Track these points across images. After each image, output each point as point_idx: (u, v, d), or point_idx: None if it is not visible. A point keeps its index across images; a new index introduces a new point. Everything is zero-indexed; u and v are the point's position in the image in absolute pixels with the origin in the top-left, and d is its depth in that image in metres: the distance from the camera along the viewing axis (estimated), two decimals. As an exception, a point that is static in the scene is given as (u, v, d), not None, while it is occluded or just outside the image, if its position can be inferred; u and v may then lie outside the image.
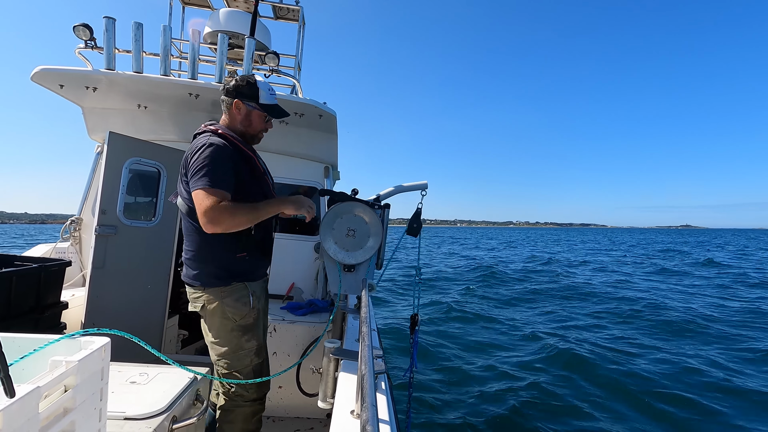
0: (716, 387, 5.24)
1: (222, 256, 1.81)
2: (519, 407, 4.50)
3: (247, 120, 1.93)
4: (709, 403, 4.76)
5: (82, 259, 3.69)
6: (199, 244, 1.81)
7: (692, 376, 5.54)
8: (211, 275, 1.80)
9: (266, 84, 1.97)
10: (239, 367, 1.86)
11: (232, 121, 1.92)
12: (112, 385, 1.54)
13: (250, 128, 1.95)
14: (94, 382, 1.05)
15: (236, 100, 1.89)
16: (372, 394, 0.90)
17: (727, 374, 5.65)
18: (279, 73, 3.55)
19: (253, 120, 1.94)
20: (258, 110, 1.93)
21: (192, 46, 3.06)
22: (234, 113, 1.91)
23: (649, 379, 5.41)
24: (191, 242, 1.83)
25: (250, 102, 1.90)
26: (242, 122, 1.92)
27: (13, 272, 2.26)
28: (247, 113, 1.92)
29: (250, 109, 1.91)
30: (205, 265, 1.80)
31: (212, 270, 1.80)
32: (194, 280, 1.82)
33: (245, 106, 1.90)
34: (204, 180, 1.63)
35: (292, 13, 4.52)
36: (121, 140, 3.13)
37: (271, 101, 1.96)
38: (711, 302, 11.05)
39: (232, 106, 1.89)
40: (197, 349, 4.17)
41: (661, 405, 4.68)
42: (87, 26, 3.03)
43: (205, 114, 3.61)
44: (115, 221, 3.09)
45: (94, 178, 3.80)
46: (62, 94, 3.29)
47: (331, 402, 1.57)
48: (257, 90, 1.91)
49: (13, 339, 1.05)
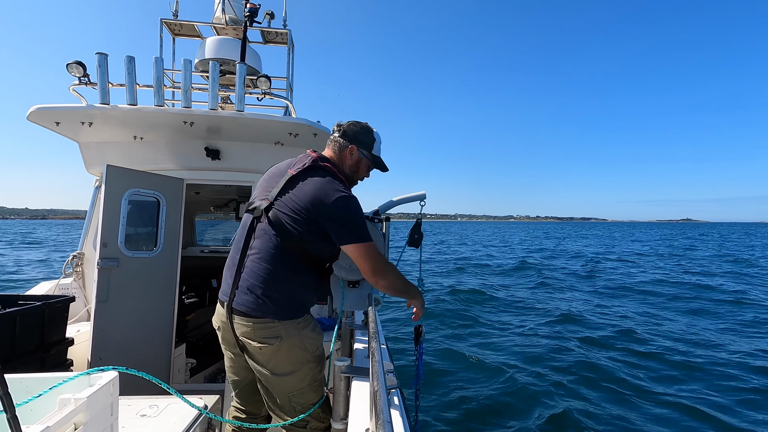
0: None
1: (308, 297, 1.79)
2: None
3: (356, 166, 1.94)
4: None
5: (85, 294, 3.67)
6: (289, 282, 1.71)
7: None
8: (289, 308, 1.72)
9: (380, 136, 2.00)
10: (315, 399, 1.79)
11: (342, 163, 1.92)
12: (123, 419, 1.52)
13: (356, 175, 1.97)
14: (104, 417, 1.04)
15: (352, 146, 1.90)
16: (386, 411, 0.88)
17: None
18: (271, 95, 3.60)
19: (361, 168, 1.96)
20: (368, 160, 1.95)
21: (184, 75, 3.11)
22: (345, 156, 1.92)
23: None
24: (278, 278, 1.70)
25: (363, 150, 1.93)
26: (351, 167, 1.93)
27: (17, 312, 2.24)
28: (358, 160, 1.93)
29: (361, 156, 1.93)
30: (288, 302, 1.71)
31: (292, 304, 1.73)
32: (266, 313, 1.68)
33: (359, 152, 1.92)
34: (362, 235, 1.70)
35: (280, 37, 4.60)
36: (119, 172, 3.15)
37: (379, 153, 2.00)
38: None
39: (346, 149, 1.91)
40: (206, 376, 4.13)
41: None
42: (80, 63, 3.08)
43: (201, 141, 3.64)
44: (117, 253, 3.09)
45: (93, 211, 3.81)
46: (58, 131, 3.32)
47: (345, 422, 1.55)
48: (373, 140, 1.95)
49: (20, 380, 1.04)
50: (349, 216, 1.69)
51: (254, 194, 1.91)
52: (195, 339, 4.54)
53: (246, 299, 1.69)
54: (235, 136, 3.59)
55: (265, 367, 1.72)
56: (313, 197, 1.68)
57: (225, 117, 3.13)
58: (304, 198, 1.69)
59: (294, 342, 1.70)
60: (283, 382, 1.72)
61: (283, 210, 1.71)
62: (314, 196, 1.68)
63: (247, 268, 1.72)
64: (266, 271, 1.69)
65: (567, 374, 5.70)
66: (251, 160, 3.75)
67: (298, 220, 1.68)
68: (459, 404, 4.74)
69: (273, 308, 1.67)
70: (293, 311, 1.72)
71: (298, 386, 1.73)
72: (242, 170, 3.79)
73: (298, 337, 1.71)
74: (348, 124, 1.94)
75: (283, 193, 1.74)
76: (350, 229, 1.69)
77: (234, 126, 3.34)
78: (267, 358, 1.70)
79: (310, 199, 1.68)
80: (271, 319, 1.67)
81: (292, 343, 1.70)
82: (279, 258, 1.70)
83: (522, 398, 4.92)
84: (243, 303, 1.69)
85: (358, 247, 1.69)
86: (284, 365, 1.71)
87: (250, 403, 1.95)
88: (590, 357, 6.30)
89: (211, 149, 3.62)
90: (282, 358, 1.70)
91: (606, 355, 6.50)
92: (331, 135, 1.96)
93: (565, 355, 6.46)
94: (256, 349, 1.68)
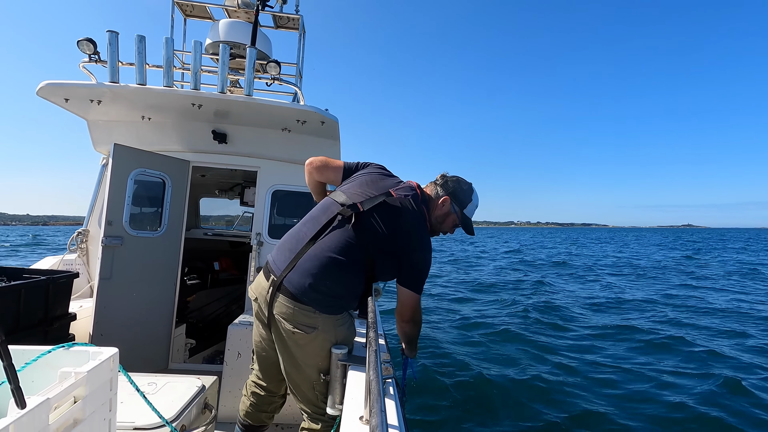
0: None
1: (350, 302, 1.81)
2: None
3: (443, 218, 1.96)
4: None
5: (89, 271, 3.72)
6: (343, 284, 1.72)
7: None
8: (332, 306, 1.73)
9: (478, 200, 2.01)
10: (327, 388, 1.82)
11: (432, 210, 1.95)
12: (121, 395, 1.54)
13: (440, 227, 1.99)
14: (104, 392, 1.06)
15: (446, 197, 1.93)
16: (380, 400, 0.89)
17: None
18: (281, 81, 3.58)
19: (447, 222, 1.98)
20: (457, 216, 1.97)
21: (194, 56, 3.10)
22: (437, 205, 1.94)
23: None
24: (338, 275, 1.70)
25: (456, 206, 1.95)
26: (438, 218, 1.95)
27: (22, 285, 2.28)
28: (447, 213, 1.95)
29: (452, 212, 1.95)
30: (333, 299, 1.71)
31: (336, 303, 1.74)
32: (311, 301, 1.68)
33: (450, 206, 1.94)
34: (420, 288, 1.82)
35: (292, 22, 4.56)
36: (126, 152, 3.17)
37: (471, 215, 2.01)
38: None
39: (440, 199, 1.94)
40: (205, 357, 4.18)
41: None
42: (91, 40, 3.07)
43: (209, 124, 3.64)
44: (122, 232, 3.11)
45: (99, 189, 3.84)
46: (67, 107, 3.33)
47: (339, 408, 1.57)
48: (470, 201, 1.97)
49: (23, 351, 1.06)
50: (424, 268, 1.80)
51: (346, 186, 1.90)
52: (195, 320, 4.59)
53: (299, 282, 1.67)
54: (242, 120, 3.59)
55: (293, 352, 1.72)
56: (408, 236, 1.76)
57: (233, 101, 3.13)
58: (398, 230, 1.76)
59: (328, 336, 1.71)
60: (309, 370, 1.72)
61: (376, 224, 1.74)
62: (409, 235, 1.77)
63: (313, 254, 1.70)
64: (331, 265, 1.67)
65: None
66: (258, 145, 3.75)
67: (382, 242, 1.74)
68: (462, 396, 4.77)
69: (319, 300, 1.67)
70: (336, 308, 1.74)
71: (319, 378, 1.73)
72: (249, 155, 3.79)
73: (333, 332, 1.72)
74: (452, 177, 1.99)
75: (380, 209, 1.76)
76: (417, 279, 1.80)
77: (242, 110, 3.34)
78: (298, 345, 1.71)
79: (404, 235, 1.76)
80: (313, 309, 1.67)
81: (326, 337, 1.71)
82: (348, 260, 1.69)
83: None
84: (295, 284, 1.67)
85: (412, 296, 1.81)
86: (314, 356, 1.71)
87: (272, 382, 1.96)
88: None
89: (218, 132, 3.63)
90: (313, 349, 1.70)
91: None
92: (434, 182, 2.01)
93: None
94: (289, 333, 1.68)
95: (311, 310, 1.67)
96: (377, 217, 1.74)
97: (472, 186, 2.00)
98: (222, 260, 5.27)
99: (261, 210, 3.71)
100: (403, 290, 1.80)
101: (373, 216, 1.74)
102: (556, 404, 4.55)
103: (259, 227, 3.68)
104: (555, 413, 4.33)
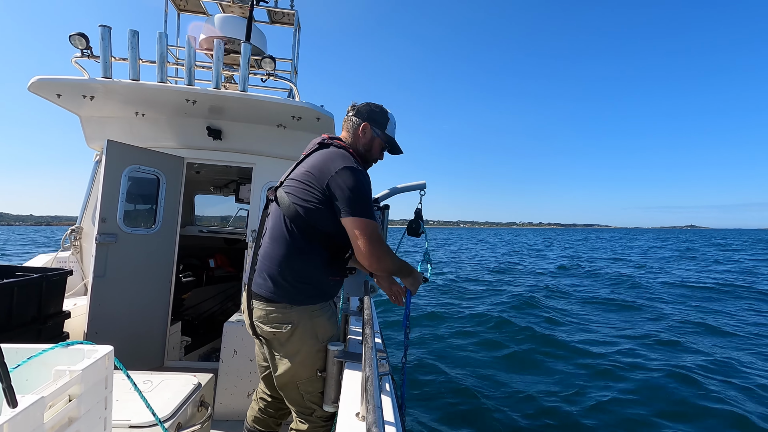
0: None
1: (320, 278, 1.73)
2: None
3: (369, 144, 1.92)
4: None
5: (83, 268, 3.69)
6: (298, 261, 1.69)
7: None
8: (304, 293, 1.69)
9: (394, 118, 1.98)
10: (323, 388, 1.76)
11: (355, 141, 1.90)
12: (117, 393, 1.54)
13: (369, 154, 1.94)
14: (99, 390, 1.05)
15: (365, 123, 1.88)
16: (377, 396, 0.90)
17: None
18: (276, 77, 3.56)
19: (374, 147, 1.93)
20: (381, 139, 1.93)
21: (188, 52, 3.07)
22: (359, 135, 1.89)
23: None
24: (287, 258, 1.68)
25: (377, 129, 1.91)
26: (364, 146, 1.91)
27: (15, 283, 2.25)
28: (371, 139, 1.91)
29: (375, 135, 1.91)
30: (300, 284, 1.69)
31: (306, 289, 1.70)
32: (280, 297, 1.67)
33: (371, 131, 1.90)
34: (364, 211, 1.64)
35: (287, 17, 4.53)
36: (119, 148, 3.14)
37: (393, 134, 1.97)
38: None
39: (359, 127, 1.89)
40: (200, 355, 4.17)
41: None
42: (83, 35, 3.03)
43: (203, 120, 3.62)
44: (115, 229, 3.09)
45: (93, 186, 3.80)
46: (60, 103, 3.29)
47: (336, 405, 1.57)
48: (387, 120, 1.93)
49: (16, 350, 1.05)
50: (355, 187, 1.63)
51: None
52: (190, 317, 4.57)
53: (261, 282, 1.69)
54: (237, 116, 3.56)
55: (276, 353, 1.72)
56: (321, 166, 1.67)
57: (228, 97, 3.10)
58: (310, 169, 1.69)
59: (306, 329, 1.69)
60: (292, 368, 1.71)
61: (291, 186, 1.71)
62: (322, 164, 1.68)
63: (262, 250, 1.73)
64: (276, 251, 1.68)
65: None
66: (253, 142, 3.73)
67: (304, 193, 1.67)
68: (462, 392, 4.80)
69: (286, 291, 1.66)
70: (307, 296, 1.70)
71: (306, 374, 1.72)
72: (243, 151, 3.77)
73: (311, 324, 1.70)
74: (362, 104, 1.93)
75: (292, 172, 1.77)
76: (353, 202, 1.62)
77: (237, 106, 3.31)
78: (280, 344, 1.70)
79: (317, 168, 1.67)
80: (285, 304, 1.66)
81: (305, 329, 1.68)
82: (287, 237, 1.67)
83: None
84: (259, 286, 1.69)
85: (357, 222, 1.62)
86: (294, 353, 1.70)
87: (274, 389, 1.94)
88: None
89: (212, 129, 3.60)
90: (293, 346, 1.69)
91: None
92: (346, 115, 1.94)
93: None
94: (269, 334, 1.68)
95: (283, 306, 1.66)
96: (294, 177, 1.74)
97: (383, 106, 1.95)
98: (217, 257, 5.24)
99: (256, 206, 3.69)
100: (346, 221, 1.63)
101: (290, 180, 1.74)
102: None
103: (255, 224, 3.66)
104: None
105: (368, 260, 1.64)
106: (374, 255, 1.63)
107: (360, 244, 1.62)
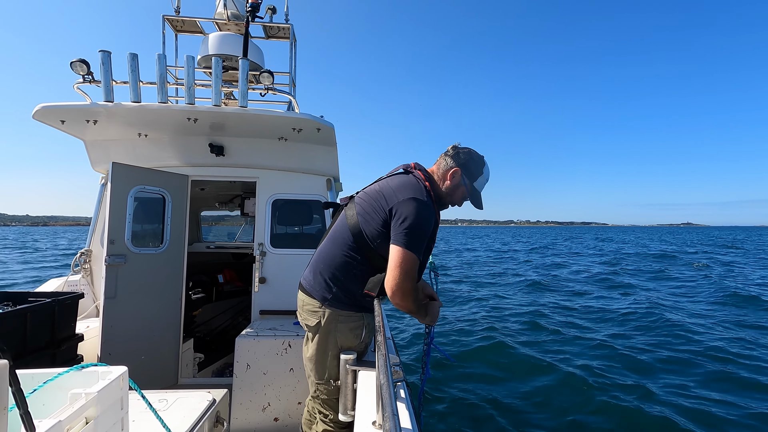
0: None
1: (356, 289, 1.76)
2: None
3: (453, 190, 1.89)
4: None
5: (94, 291, 3.71)
6: (342, 268, 1.76)
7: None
8: (336, 298, 1.75)
9: (489, 173, 1.95)
10: (337, 395, 1.79)
11: (440, 182, 1.89)
12: (133, 413, 1.54)
13: (449, 198, 1.91)
14: (115, 411, 1.05)
15: (457, 168, 1.86)
16: (392, 404, 0.89)
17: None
18: (274, 90, 3.59)
19: (457, 194, 1.90)
20: (466, 189, 1.89)
21: (187, 71, 3.11)
22: (446, 177, 1.87)
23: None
24: (334, 261, 1.77)
25: (467, 178, 1.88)
26: (448, 188, 1.88)
27: (28, 309, 2.27)
28: (457, 185, 1.88)
29: (462, 183, 1.88)
30: (336, 288, 1.75)
31: (340, 295, 1.75)
32: (316, 293, 1.79)
33: (461, 178, 1.87)
34: (412, 244, 1.62)
35: (282, 32, 4.58)
36: (124, 170, 3.17)
37: (480, 189, 1.94)
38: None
39: (450, 171, 1.86)
40: (214, 371, 4.17)
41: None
42: (84, 61, 3.08)
43: (205, 137, 3.65)
44: (124, 250, 3.11)
45: (100, 209, 3.84)
46: (64, 129, 3.34)
47: (352, 414, 1.56)
48: (481, 174, 1.90)
49: (32, 375, 1.05)
50: (413, 220, 1.62)
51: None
52: (202, 334, 4.58)
53: (308, 276, 1.85)
54: (238, 131, 3.59)
55: (307, 346, 1.87)
56: (392, 190, 1.72)
57: (228, 113, 3.13)
58: (383, 189, 1.75)
59: (329, 330, 1.75)
60: (312, 365, 1.84)
61: (361, 199, 1.79)
62: (394, 188, 1.72)
63: (320, 248, 1.88)
64: (328, 252, 1.80)
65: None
66: (255, 156, 3.76)
67: (369, 209, 1.73)
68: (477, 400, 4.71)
69: (322, 290, 1.77)
70: (338, 301, 1.76)
71: (318, 375, 1.83)
72: (246, 166, 3.80)
73: (334, 327, 1.75)
74: (464, 149, 1.91)
75: (367, 188, 1.85)
76: (405, 232, 1.61)
77: (238, 122, 3.34)
78: (307, 339, 1.86)
79: (389, 191, 1.73)
80: (318, 302, 1.77)
81: (327, 330, 1.75)
82: (342, 243, 1.77)
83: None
84: (305, 278, 1.88)
85: (400, 252, 1.60)
86: (315, 349, 1.81)
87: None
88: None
89: (215, 145, 3.64)
90: (315, 343, 1.81)
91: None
92: (444, 152, 1.93)
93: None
94: (303, 323, 1.86)
95: (317, 304, 1.78)
96: (366, 193, 1.81)
97: (483, 159, 1.92)
98: (226, 272, 5.26)
99: (262, 220, 3.71)
100: (392, 249, 1.63)
101: (362, 194, 1.83)
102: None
103: (261, 237, 3.68)
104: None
105: (394, 291, 1.62)
106: (401, 290, 1.61)
107: (393, 274, 1.60)
